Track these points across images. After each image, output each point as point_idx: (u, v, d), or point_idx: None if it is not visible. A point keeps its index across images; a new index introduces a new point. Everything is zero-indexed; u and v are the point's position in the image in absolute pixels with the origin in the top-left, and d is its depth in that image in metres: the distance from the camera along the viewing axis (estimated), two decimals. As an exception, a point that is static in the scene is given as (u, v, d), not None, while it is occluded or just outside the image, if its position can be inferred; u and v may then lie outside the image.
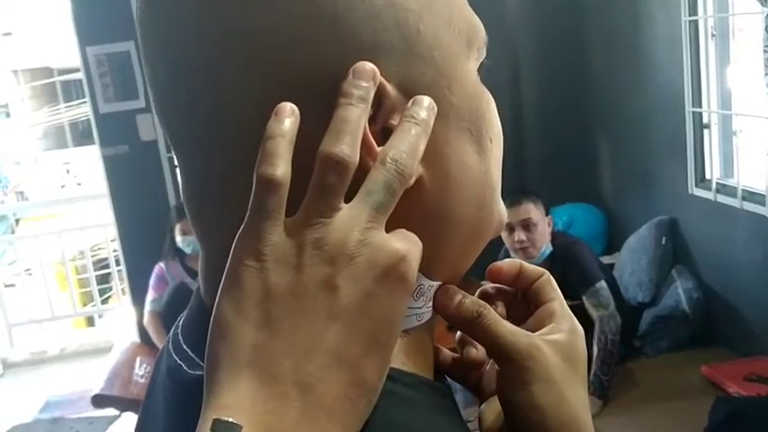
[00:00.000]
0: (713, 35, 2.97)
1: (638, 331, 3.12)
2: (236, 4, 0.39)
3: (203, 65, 0.41)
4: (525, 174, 3.91)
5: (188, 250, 3.53)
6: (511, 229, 2.80)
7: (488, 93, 0.47)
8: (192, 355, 0.45)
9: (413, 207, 0.42)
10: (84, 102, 4.25)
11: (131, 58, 3.82)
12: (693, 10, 2.97)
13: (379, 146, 0.40)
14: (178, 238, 3.52)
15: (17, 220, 6.71)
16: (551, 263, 2.87)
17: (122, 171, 3.93)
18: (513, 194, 2.83)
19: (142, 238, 3.85)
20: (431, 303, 0.46)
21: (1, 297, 5.03)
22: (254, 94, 0.40)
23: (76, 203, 6.58)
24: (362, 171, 0.39)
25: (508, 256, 2.95)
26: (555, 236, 2.88)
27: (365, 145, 0.39)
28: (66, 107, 7.20)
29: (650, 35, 3.33)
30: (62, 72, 7.86)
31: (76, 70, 4.50)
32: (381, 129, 0.40)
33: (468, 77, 0.44)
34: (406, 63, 0.41)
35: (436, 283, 0.45)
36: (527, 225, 2.77)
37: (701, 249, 3.13)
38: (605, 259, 3.59)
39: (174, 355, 0.47)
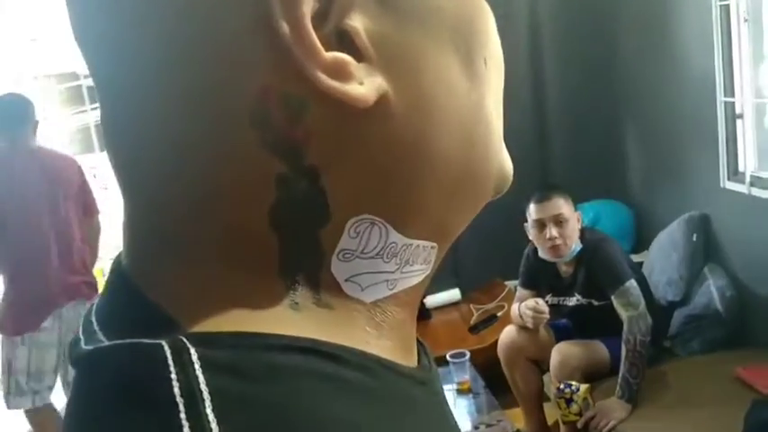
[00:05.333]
0: (746, 20, 2.84)
1: (669, 331, 3.00)
2: None
3: None
4: (549, 168, 3.80)
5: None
6: (542, 225, 2.70)
7: (486, 5, 0.37)
8: (96, 328, 0.36)
9: (377, 135, 0.33)
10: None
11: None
12: (724, -6, 2.84)
13: (328, 51, 0.31)
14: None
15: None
16: (579, 261, 2.76)
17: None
18: (541, 189, 2.73)
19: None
20: (410, 268, 0.36)
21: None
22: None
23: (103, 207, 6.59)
24: (306, 81, 0.31)
25: (535, 255, 2.84)
26: (583, 232, 2.78)
27: (304, 46, 0.30)
28: (93, 108, 7.27)
29: (680, 21, 3.20)
30: (88, 77, 7.88)
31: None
32: (334, 29, 0.31)
33: None
34: None
35: (416, 242, 0.36)
36: (559, 221, 2.68)
37: (734, 246, 3.00)
38: (634, 257, 3.45)
39: (80, 329, 0.38)
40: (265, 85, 0.31)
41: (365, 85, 0.32)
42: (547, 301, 2.86)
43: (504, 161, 0.40)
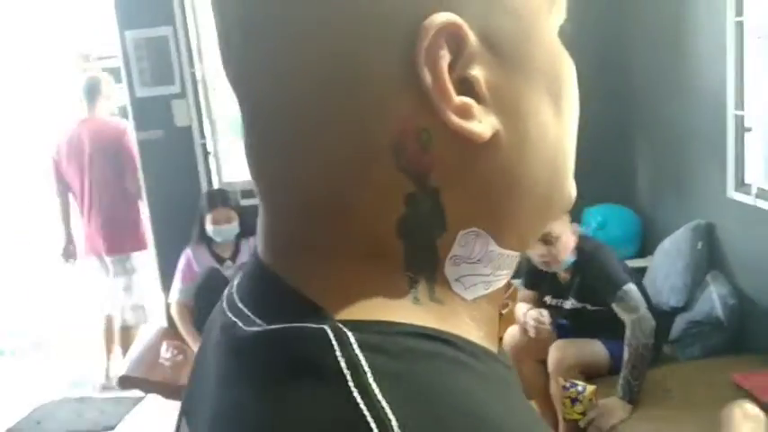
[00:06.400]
0: (759, 37, 2.90)
1: (670, 337, 3.07)
2: None
3: (278, 9, 0.39)
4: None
5: (218, 239, 3.55)
6: None
7: (569, 56, 0.45)
8: (248, 312, 0.43)
9: (488, 164, 0.41)
10: (120, 87, 4.30)
11: (169, 43, 3.83)
12: (740, 11, 2.90)
13: (458, 95, 0.38)
14: (209, 227, 3.53)
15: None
16: (575, 270, 2.83)
17: (156, 156, 3.95)
18: None
19: (173, 223, 3.87)
20: (499, 272, 0.44)
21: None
22: (333, 36, 0.38)
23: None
24: (437, 119, 0.38)
25: (528, 259, 2.89)
26: (579, 240, 2.83)
27: (441, 91, 0.38)
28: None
29: (695, 36, 3.26)
30: (100, 59, 7.97)
31: (113, 57, 4.55)
32: (459, 77, 0.39)
33: (549, 35, 0.43)
34: (488, 12, 0.39)
35: (506, 252, 0.44)
36: (547, 240, 2.72)
37: (737, 255, 3.07)
38: (638, 262, 3.53)
39: (228, 312, 0.46)
40: (405, 119, 0.39)
41: (483, 124, 0.39)
42: (545, 302, 2.95)
43: (572, 187, 0.48)
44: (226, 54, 0.44)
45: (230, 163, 4.17)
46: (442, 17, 0.37)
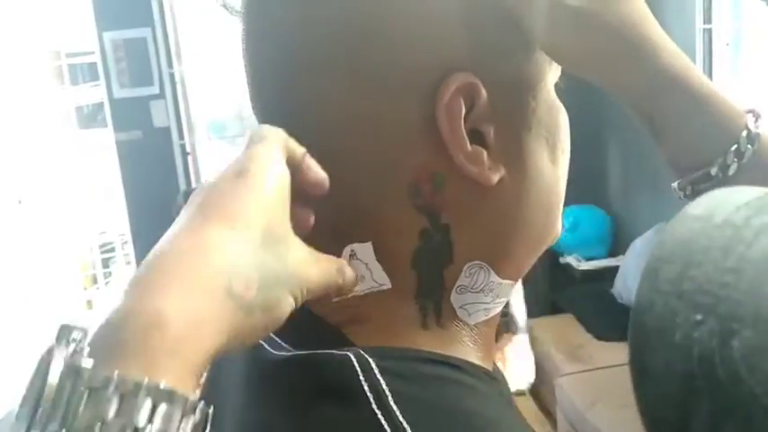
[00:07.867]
0: (727, 44, 3.00)
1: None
2: (350, 4, 0.43)
3: (309, 57, 0.43)
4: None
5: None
6: None
7: (563, 108, 0.50)
8: (275, 337, 0.47)
9: (493, 205, 0.46)
10: (94, 86, 4.29)
11: (147, 44, 3.84)
12: (708, 18, 3.00)
13: (471, 144, 0.43)
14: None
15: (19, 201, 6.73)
16: None
17: (134, 156, 3.96)
18: None
19: (152, 223, 3.87)
20: (498, 300, 0.49)
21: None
22: (359, 87, 0.43)
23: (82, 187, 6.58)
24: (451, 164, 0.43)
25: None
26: None
27: (457, 141, 0.43)
28: (75, 89, 7.23)
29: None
30: (70, 56, 7.84)
31: (85, 54, 4.52)
32: (471, 129, 0.44)
33: (548, 91, 0.48)
34: (499, 71, 0.45)
35: (505, 282, 0.48)
36: None
37: (706, 255, 3.15)
38: (609, 262, 3.63)
39: None
40: (422, 163, 0.44)
41: (491, 170, 0.45)
42: None
43: (560, 224, 0.53)
44: (257, 99, 0.48)
45: (209, 163, 4.19)
46: (460, 77, 0.42)
